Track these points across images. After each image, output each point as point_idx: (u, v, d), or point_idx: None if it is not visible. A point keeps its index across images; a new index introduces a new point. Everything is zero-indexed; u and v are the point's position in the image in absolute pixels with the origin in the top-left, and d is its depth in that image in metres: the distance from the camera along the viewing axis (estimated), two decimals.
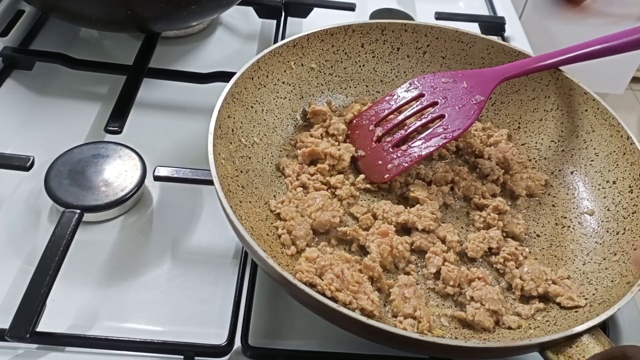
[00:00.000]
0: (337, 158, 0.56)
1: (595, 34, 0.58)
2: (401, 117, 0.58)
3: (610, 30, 0.57)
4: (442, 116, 0.56)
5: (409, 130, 0.57)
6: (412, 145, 0.56)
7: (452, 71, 0.60)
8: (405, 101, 0.59)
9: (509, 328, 0.46)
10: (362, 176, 0.56)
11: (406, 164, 0.55)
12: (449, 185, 0.57)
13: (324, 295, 0.43)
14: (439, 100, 0.57)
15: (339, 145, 0.58)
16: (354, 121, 0.61)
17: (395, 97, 0.60)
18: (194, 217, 0.56)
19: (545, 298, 0.49)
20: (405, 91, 0.60)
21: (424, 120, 0.57)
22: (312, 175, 0.55)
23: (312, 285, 0.45)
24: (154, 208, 0.56)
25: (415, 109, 0.58)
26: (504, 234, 0.53)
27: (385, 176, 0.56)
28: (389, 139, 0.58)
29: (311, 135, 0.59)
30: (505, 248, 0.51)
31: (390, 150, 0.57)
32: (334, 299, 0.44)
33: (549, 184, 0.58)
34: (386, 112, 0.59)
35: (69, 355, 0.45)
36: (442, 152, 0.60)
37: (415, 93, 0.59)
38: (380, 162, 0.56)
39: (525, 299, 0.49)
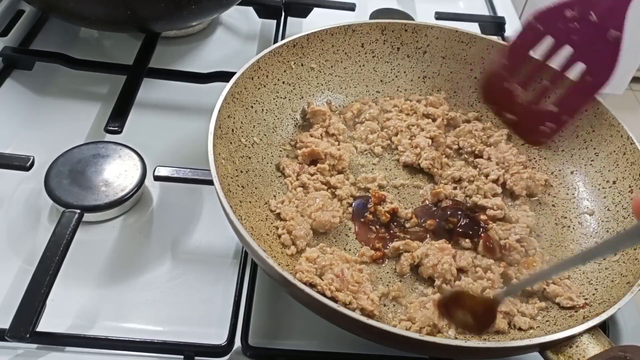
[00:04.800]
0: (337, 158, 0.56)
1: None
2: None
3: None
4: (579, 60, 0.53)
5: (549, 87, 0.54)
6: (563, 100, 0.54)
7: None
8: (540, 54, 0.55)
9: (520, 329, 0.46)
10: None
11: (565, 120, 0.54)
12: (454, 184, 0.57)
13: (324, 295, 0.43)
14: (571, 44, 0.53)
15: (339, 145, 0.58)
16: (487, 80, 0.58)
17: (521, 46, 0.56)
18: (194, 217, 0.56)
19: (544, 298, 0.49)
20: (531, 38, 0.55)
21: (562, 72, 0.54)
22: (312, 175, 0.55)
23: (312, 285, 0.45)
24: (154, 208, 0.56)
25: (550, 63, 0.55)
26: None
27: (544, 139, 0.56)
28: (530, 96, 0.56)
29: (311, 135, 0.59)
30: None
31: (540, 108, 0.54)
32: (334, 299, 0.44)
33: (548, 183, 0.58)
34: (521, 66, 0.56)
35: (69, 355, 0.45)
36: (447, 152, 0.60)
37: (544, 42, 0.54)
38: (534, 123, 0.55)
39: (525, 298, 0.49)
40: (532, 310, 0.47)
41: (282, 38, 0.75)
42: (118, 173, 0.54)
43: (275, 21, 0.79)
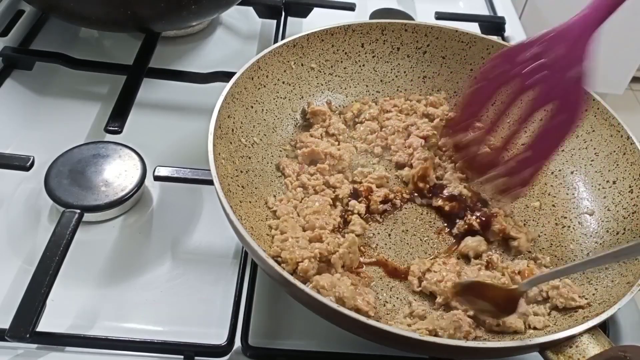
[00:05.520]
0: (337, 158, 0.56)
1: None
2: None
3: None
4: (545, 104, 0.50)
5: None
6: (535, 143, 0.51)
7: (535, 39, 0.50)
8: (494, 91, 0.52)
9: (535, 328, 0.46)
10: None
11: (540, 165, 0.52)
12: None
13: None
14: (533, 82, 0.50)
15: (339, 145, 0.58)
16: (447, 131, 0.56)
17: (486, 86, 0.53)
18: (194, 217, 0.56)
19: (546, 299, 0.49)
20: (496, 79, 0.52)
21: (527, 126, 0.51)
22: (312, 175, 0.55)
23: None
24: (154, 208, 0.56)
25: (509, 102, 0.51)
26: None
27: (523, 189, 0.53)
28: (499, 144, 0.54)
29: (311, 135, 0.59)
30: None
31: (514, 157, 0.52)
32: None
33: (548, 185, 0.58)
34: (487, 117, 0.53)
35: (69, 355, 0.45)
36: (438, 153, 0.60)
37: (502, 79, 0.51)
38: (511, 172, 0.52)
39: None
40: (544, 310, 0.47)
41: (282, 38, 0.75)
42: (118, 173, 0.54)
43: (275, 21, 0.79)
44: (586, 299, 0.47)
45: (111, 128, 0.58)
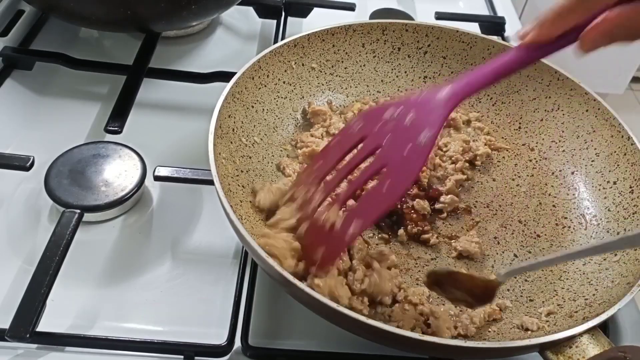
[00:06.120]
0: None
1: None
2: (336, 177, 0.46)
3: None
4: (384, 166, 0.44)
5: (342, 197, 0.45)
6: (345, 223, 0.43)
7: (399, 100, 0.46)
8: (346, 150, 0.47)
9: (526, 329, 0.46)
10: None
11: (336, 253, 0.44)
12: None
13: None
14: (383, 143, 0.44)
15: None
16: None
17: (335, 147, 0.48)
18: (194, 217, 0.56)
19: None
20: (347, 136, 0.47)
21: (362, 178, 0.45)
22: None
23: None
24: (154, 208, 0.56)
25: (354, 162, 0.46)
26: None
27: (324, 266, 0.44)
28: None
29: (312, 135, 0.59)
30: None
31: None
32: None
33: (548, 185, 0.58)
34: (325, 170, 0.47)
35: (69, 355, 0.45)
36: (438, 153, 0.60)
37: (357, 137, 0.46)
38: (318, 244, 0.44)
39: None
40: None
41: (282, 38, 0.75)
42: (118, 173, 0.54)
43: (275, 21, 0.79)
44: (586, 299, 0.47)
45: (111, 128, 0.58)
